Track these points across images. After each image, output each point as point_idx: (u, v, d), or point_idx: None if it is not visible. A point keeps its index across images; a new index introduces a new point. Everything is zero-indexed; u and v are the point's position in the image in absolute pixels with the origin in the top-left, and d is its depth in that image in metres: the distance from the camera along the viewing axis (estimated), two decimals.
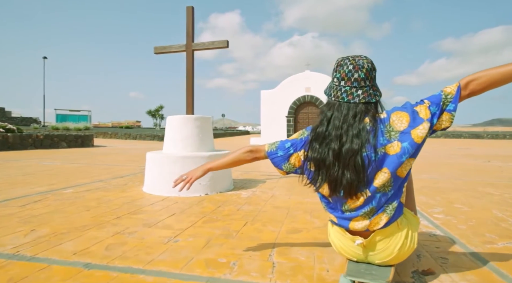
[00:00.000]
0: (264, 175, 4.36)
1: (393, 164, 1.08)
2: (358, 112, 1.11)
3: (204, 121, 3.18)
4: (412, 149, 1.08)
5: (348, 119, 1.11)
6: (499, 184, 3.75)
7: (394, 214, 1.13)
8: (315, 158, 1.13)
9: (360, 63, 1.12)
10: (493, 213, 2.37)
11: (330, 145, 1.11)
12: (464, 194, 3.09)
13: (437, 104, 1.10)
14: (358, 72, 1.11)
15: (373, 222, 1.12)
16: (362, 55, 1.16)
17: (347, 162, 1.08)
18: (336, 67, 1.16)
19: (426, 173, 4.72)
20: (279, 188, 3.37)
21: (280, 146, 1.27)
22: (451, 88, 1.11)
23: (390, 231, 1.14)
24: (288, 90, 17.27)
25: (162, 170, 2.88)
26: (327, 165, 1.11)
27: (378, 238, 1.14)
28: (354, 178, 1.07)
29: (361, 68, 1.11)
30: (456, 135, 23.00)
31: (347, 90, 1.12)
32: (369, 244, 1.15)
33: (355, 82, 1.12)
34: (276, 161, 1.27)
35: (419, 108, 1.12)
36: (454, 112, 1.09)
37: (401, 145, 1.08)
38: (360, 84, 1.12)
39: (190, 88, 3.29)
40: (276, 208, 2.44)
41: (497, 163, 6.57)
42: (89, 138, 10.99)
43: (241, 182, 3.74)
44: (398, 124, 1.10)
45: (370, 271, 1.15)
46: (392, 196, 1.11)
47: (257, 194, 2.99)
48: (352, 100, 1.12)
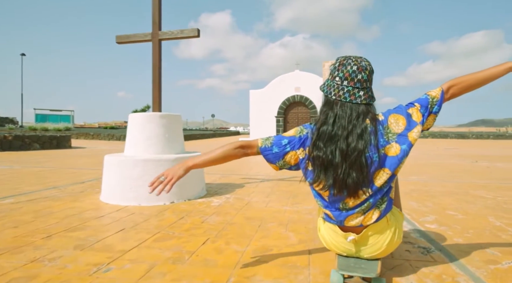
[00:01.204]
0: (245, 179, 4.04)
1: (394, 165, 1.12)
2: (360, 113, 1.12)
3: (172, 119, 2.83)
4: (409, 150, 1.14)
5: (352, 120, 1.12)
6: (490, 186, 3.53)
7: (385, 208, 1.16)
8: (322, 157, 1.11)
9: (363, 65, 1.14)
10: (489, 221, 2.11)
11: (337, 144, 1.10)
12: (456, 198, 2.84)
13: (426, 107, 1.18)
14: (361, 73, 1.13)
15: (367, 217, 1.15)
16: (362, 57, 1.18)
17: (353, 162, 1.09)
18: (338, 66, 1.16)
19: (415, 175, 4.49)
20: (257, 193, 3.06)
21: (276, 142, 1.23)
22: (435, 93, 1.20)
23: (381, 227, 1.17)
24: (278, 90, 17.01)
25: (120, 175, 2.52)
26: (334, 165, 1.10)
27: (370, 233, 1.16)
28: (359, 178, 1.09)
29: (364, 70, 1.13)
30: (443, 135, 23.23)
31: (350, 90, 1.13)
32: (361, 239, 1.16)
33: (358, 83, 1.13)
34: (270, 158, 1.23)
35: (412, 111, 1.18)
36: (437, 114, 1.20)
37: (400, 147, 1.13)
38: (363, 86, 1.14)
39: (157, 82, 2.94)
40: (248, 220, 2.12)
41: (484, 163, 6.44)
42: (66, 140, 10.44)
43: (217, 186, 3.41)
44: (395, 127, 1.15)
45: (360, 265, 1.17)
46: (385, 192, 1.15)
47: (230, 202, 2.66)
48: (354, 101, 1.13)
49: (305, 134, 1.21)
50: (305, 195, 2.97)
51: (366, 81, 1.14)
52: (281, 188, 3.36)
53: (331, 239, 1.23)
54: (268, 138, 1.26)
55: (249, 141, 1.28)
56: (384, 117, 1.17)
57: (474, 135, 23.41)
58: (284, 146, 1.22)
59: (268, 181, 3.84)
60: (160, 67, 2.96)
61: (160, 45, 2.95)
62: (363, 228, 1.17)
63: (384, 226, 1.18)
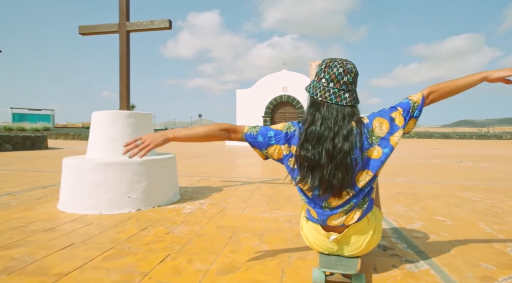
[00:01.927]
0: (225, 182, 3.82)
1: (376, 167, 1.16)
2: (346, 114, 1.14)
3: (141, 118, 2.59)
4: (390, 153, 1.18)
5: (338, 121, 1.13)
6: (476, 188, 3.43)
7: (366, 208, 1.19)
8: (309, 158, 1.13)
9: (349, 67, 1.16)
10: (479, 227, 1.97)
11: (324, 145, 1.12)
12: (444, 202, 2.70)
13: (407, 112, 1.22)
14: (347, 76, 1.15)
15: (349, 217, 1.17)
16: (348, 60, 1.20)
17: (338, 163, 1.11)
18: (324, 68, 1.17)
19: (401, 176, 4.37)
20: (235, 198, 2.84)
21: (262, 132, 1.25)
22: (417, 98, 1.24)
23: (362, 226, 1.20)
24: (265, 90, 16.82)
25: (79, 180, 2.26)
26: (321, 165, 1.12)
27: (351, 232, 1.19)
28: (344, 179, 1.11)
29: (350, 72, 1.16)
30: (428, 135, 23.61)
31: (336, 92, 1.15)
32: (343, 239, 1.19)
33: (343, 85, 1.15)
34: (254, 144, 1.26)
35: (395, 115, 1.21)
36: (418, 118, 1.24)
37: (382, 151, 1.17)
38: (348, 88, 1.16)
39: (125, 77, 2.69)
40: (219, 229, 1.90)
41: (469, 163, 6.43)
42: (42, 140, 9.94)
43: (193, 190, 3.18)
44: (379, 131, 1.18)
45: (341, 263, 1.20)
46: (366, 193, 1.18)
47: (203, 208, 2.44)
48: (340, 102, 1.15)
49: (292, 132, 1.22)
50: (286, 200, 2.78)
51: (351, 84, 1.17)
52: (262, 192, 3.16)
53: (313, 238, 1.25)
54: (255, 127, 1.28)
55: (236, 126, 1.29)
56: (369, 120, 1.20)
57: (457, 135, 23.90)
58: (270, 137, 1.23)
59: (249, 184, 3.63)
60: (129, 61, 2.71)
61: (128, 37, 2.69)
62: (344, 228, 1.19)
63: (365, 225, 1.21)
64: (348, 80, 1.16)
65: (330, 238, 1.19)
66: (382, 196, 2.96)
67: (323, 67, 1.18)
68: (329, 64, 1.17)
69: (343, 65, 1.16)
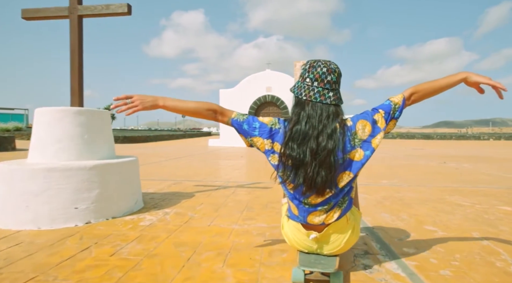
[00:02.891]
0: (199, 186, 3.51)
1: (357, 168, 1.18)
2: (330, 113, 1.17)
3: (93, 116, 2.24)
4: (371, 155, 1.19)
5: (323, 120, 1.16)
6: (464, 191, 3.27)
7: (346, 207, 1.22)
8: (294, 157, 1.15)
9: (332, 67, 1.20)
10: (475, 238, 1.75)
11: (308, 144, 1.14)
12: (433, 207, 2.49)
13: (388, 113, 1.25)
14: (331, 75, 1.18)
15: (329, 216, 1.20)
16: (331, 61, 1.23)
17: (322, 161, 1.13)
18: (308, 68, 1.21)
19: (386, 178, 4.18)
20: (206, 205, 2.54)
21: (248, 121, 1.28)
22: (398, 99, 1.27)
23: (341, 225, 1.22)
24: (248, 89, 16.52)
25: (13, 189, 1.90)
26: (305, 163, 1.14)
27: (331, 231, 1.22)
28: (328, 177, 1.13)
29: (333, 72, 1.19)
30: (410, 136, 23.99)
31: (320, 91, 1.18)
32: (322, 237, 1.21)
33: (327, 84, 1.18)
34: (240, 130, 1.29)
35: (377, 117, 1.24)
36: (398, 119, 1.27)
37: (363, 153, 1.19)
38: (332, 87, 1.19)
39: (77, 69, 2.33)
40: (178, 248, 1.60)
41: (452, 163, 6.36)
42: (9, 141, 9.28)
43: (161, 197, 2.85)
44: (361, 133, 1.20)
45: (320, 261, 1.21)
46: (346, 192, 1.21)
47: (167, 219, 2.13)
48: (324, 101, 1.17)
49: (276, 129, 1.24)
50: (262, 207, 2.50)
51: (335, 83, 1.19)
52: (237, 197, 2.87)
53: (294, 236, 1.27)
54: (244, 114, 1.30)
55: (225, 109, 1.32)
56: (353, 123, 1.21)
57: (438, 136, 24.40)
58: (254, 128, 1.25)
59: (225, 189, 3.33)
60: (81, 50, 2.36)
61: (80, 23, 2.35)
62: (324, 227, 1.21)
63: (344, 224, 1.23)
64: (332, 80, 1.18)
65: (310, 236, 1.20)
66: (367, 202, 2.73)
67: (307, 68, 1.21)
68: (313, 64, 1.20)
69: (327, 65, 1.19)
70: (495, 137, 23.44)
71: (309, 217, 1.20)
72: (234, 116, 1.30)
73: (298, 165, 1.14)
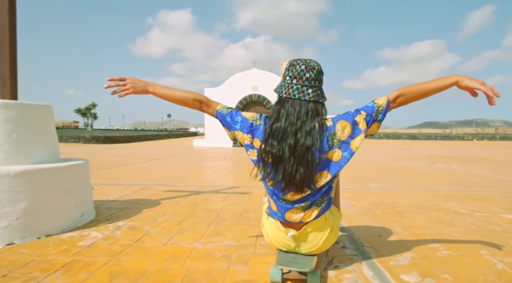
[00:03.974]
0: (169, 191, 3.12)
1: (334, 169, 1.18)
2: (309, 110, 1.18)
3: (27, 111, 1.84)
4: (350, 157, 1.18)
5: (301, 116, 1.17)
6: (459, 195, 3.01)
7: (324, 207, 1.22)
8: (274, 153, 1.15)
9: (311, 64, 1.21)
10: (485, 259, 1.45)
11: (287, 140, 1.15)
12: (429, 217, 2.20)
13: (371, 116, 1.22)
14: (309, 72, 1.19)
15: (306, 214, 1.20)
16: (313, 59, 1.25)
17: (301, 157, 1.13)
18: (288, 67, 1.23)
19: (375, 181, 3.90)
20: (170, 216, 2.17)
21: (231, 114, 1.30)
22: (382, 101, 1.24)
23: (319, 224, 1.22)
24: (234, 89, 16.13)
25: None
26: (284, 159, 1.15)
27: (309, 229, 1.22)
28: (306, 173, 1.13)
29: (312, 69, 1.20)
30: (396, 136, 24.13)
31: (299, 88, 1.19)
32: (300, 236, 1.22)
33: (306, 81, 1.19)
34: (223, 123, 1.31)
35: (358, 118, 1.22)
36: (382, 122, 1.24)
37: (341, 154, 1.18)
38: (311, 84, 1.20)
39: (8, 52, 1.91)
40: (113, 280, 1.22)
41: (441, 164, 6.17)
42: None
43: (120, 205, 2.46)
44: (340, 134, 1.19)
45: (297, 260, 1.22)
46: (324, 192, 1.21)
47: (116, 236, 1.74)
48: (303, 98, 1.19)
49: (257, 125, 1.26)
50: (235, 218, 2.14)
51: (314, 80, 1.20)
52: (209, 205, 2.50)
53: (273, 234, 1.28)
54: (228, 107, 1.33)
55: (211, 100, 1.35)
56: (332, 123, 1.21)
57: (424, 136, 24.64)
58: (236, 122, 1.28)
59: (197, 195, 2.96)
60: (14, 28, 1.94)
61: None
62: (303, 225, 1.22)
63: (323, 224, 1.23)
64: (311, 77, 1.19)
65: (288, 234, 1.21)
66: (356, 210, 2.42)
67: (287, 67, 1.23)
68: (293, 63, 1.22)
69: (306, 63, 1.20)
70: (478, 137, 23.85)
71: (287, 214, 1.21)
72: (219, 108, 1.33)
73: (277, 161, 1.15)
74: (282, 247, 1.28)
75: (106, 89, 1.30)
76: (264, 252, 1.52)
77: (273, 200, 1.24)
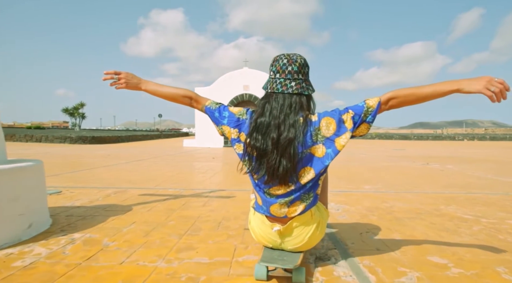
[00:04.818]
0: (145, 195, 2.83)
1: (317, 166, 1.16)
2: (293, 102, 1.18)
3: None
4: (334, 155, 1.16)
5: (284, 109, 1.17)
6: (459, 198, 2.79)
7: (310, 203, 1.21)
8: (258, 147, 1.16)
9: (293, 58, 1.21)
10: (505, 280, 1.21)
11: (270, 134, 1.16)
12: (430, 224, 1.96)
13: (359, 116, 1.19)
14: (291, 65, 1.20)
15: (291, 209, 1.20)
16: (297, 53, 1.25)
17: (284, 150, 1.13)
18: (272, 62, 1.24)
19: (369, 183, 3.67)
20: (138, 225, 1.89)
21: (219, 109, 1.31)
22: (373, 102, 1.20)
23: (305, 219, 1.22)
24: (225, 88, 15.83)
25: None
26: (267, 153, 1.15)
27: (294, 224, 1.21)
28: (289, 166, 1.13)
29: (294, 62, 1.20)
30: (389, 137, 24.15)
31: (282, 81, 1.20)
32: (285, 230, 1.21)
33: (289, 75, 1.20)
34: (212, 118, 1.32)
35: (345, 117, 1.19)
36: (371, 123, 1.20)
37: (325, 151, 1.17)
38: (293, 77, 1.20)
39: None
40: None
41: (435, 165, 6.00)
42: None
43: (84, 212, 2.16)
44: (325, 130, 1.18)
45: (282, 257, 1.20)
46: (309, 188, 1.19)
47: (64, 253, 1.45)
48: (286, 91, 1.19)
49: (243, 119, 1.26)
50: (213, 226, 1.87)
51: (296, 73, 1.20)
52: (185, 212, 2.23)
53: (259, 230, 1.27)
54: (217, 103, 1.34)
55: (200, 96, 1.37)
56: (318, 118, 1.20)
57: (415, 136, 24.71)
58: (224, 117, 1.28)
59: (176, 199, 2.68)
60: None
61: None
62: (288, 219, 1.21)
63: (308, 219, 1.22)
64: (293, 70, 1.19)
65: (274, 228, 1.21)
66: (350, 216, 2.17)
67: (271, 63, 1.25)
68: (276, 58, 1.24)
69: (289, 57, 1.21)
70: (469, 137, 24.02)
71: (272, 208, 1.21)
72: (207, 104, 1.34)
73: (261, 155, 1.16)
74: (268, 243, 1.28)
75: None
76: (240, 273, 1.25)
77: (258, 194, 1.24)
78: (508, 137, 23.87)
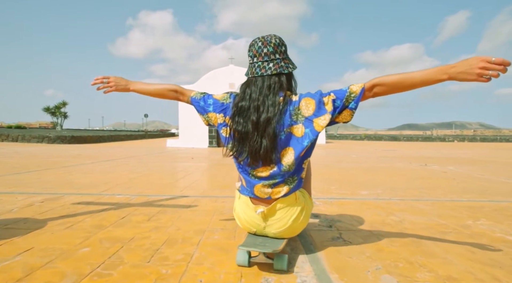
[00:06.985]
0: (82, 204, 2.15)
1: (297, 146, 1.17)
2: (272, 83, 1.20)
3: None
4: (313, 136, 1.17)
5: (263, 91, 1.19)
6: (485, 209, 2.20)
7: (295, 186, 1.22)
8: (240, 131, 1.18)
9: (268, 39, 1.22)
10: None
11: (250, 117, 1.18)
12: (469, 253, 1.35)
13: (341, 100, 1.17)
14: (267, 47, 1.21)
15: (275, 191, 1.21)
16: (273, 34, 1.26)
17: (263, 130, 1.15)
18: (249, 48, 1.26)
19: (366, 187, 3.06)
20: (32, 254, 1.22)
21: (204, 98, 1.34)
22: (356, 88, 1.17)
23: (289, 202, 1.23)
24: (210, 86, 15.07)
25: None
26: (248, 135, 1.17)
27: (278, 206, 1.22)
28: (270, 147, 1.14)
29: (269, 43, 1.22)
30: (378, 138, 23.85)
31: (260, 65, 1.22)
32: (269, 212, 1.22)
33: (265, 57, 1.22)
34: (198, 109, 1.35)
35: (326, 99, 1.19)
36: (354, 110, 1.18)
37: (304, 130, 1.17)
38: (270, 58, 1.21)
39: None
40: None
41: (434, 166, 5.47)
42: None
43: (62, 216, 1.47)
44: (305, 110, 1.19)
45: (264, 243, 1.19)
46: (293, 171, 1.20)
47: None
48: (265, 73, 1.21)
49: (227, 103, 1.28)
50: (141, 259, 1.21)
51: (273, 53, 1.21)
52: (114, 232, 1.56)
53: (244, 214, 1.28)
54: (202, 93, 1.38)
55: (185, 89, 1.42)
56: (298, 98, 1.21)
57: (405, 138, 24.48)
58: (209, 104, 1.31)
59: (117, 210, 2.00)
60: None
61: None
62: (272, 201, 1.22)
63: (292, 201, 1.23)
64: (269, 51, 1.21)
65: (257, 211, 1.21)
66: (348, 236, 1.53)
67: (248, 48, 1.27)
68: (252, 43, 1.26)
69: (263, 39, 1.22)
70: (459, 139, 23.93)
71: (256, 188, 1.22)
72: (193, 94, 1.38)
73: (243, 137, 1.18)
74: (252, 228, 1.28)
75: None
76: None
77: (243, 176, 1.25)
78: (499, 138, 23.88)
